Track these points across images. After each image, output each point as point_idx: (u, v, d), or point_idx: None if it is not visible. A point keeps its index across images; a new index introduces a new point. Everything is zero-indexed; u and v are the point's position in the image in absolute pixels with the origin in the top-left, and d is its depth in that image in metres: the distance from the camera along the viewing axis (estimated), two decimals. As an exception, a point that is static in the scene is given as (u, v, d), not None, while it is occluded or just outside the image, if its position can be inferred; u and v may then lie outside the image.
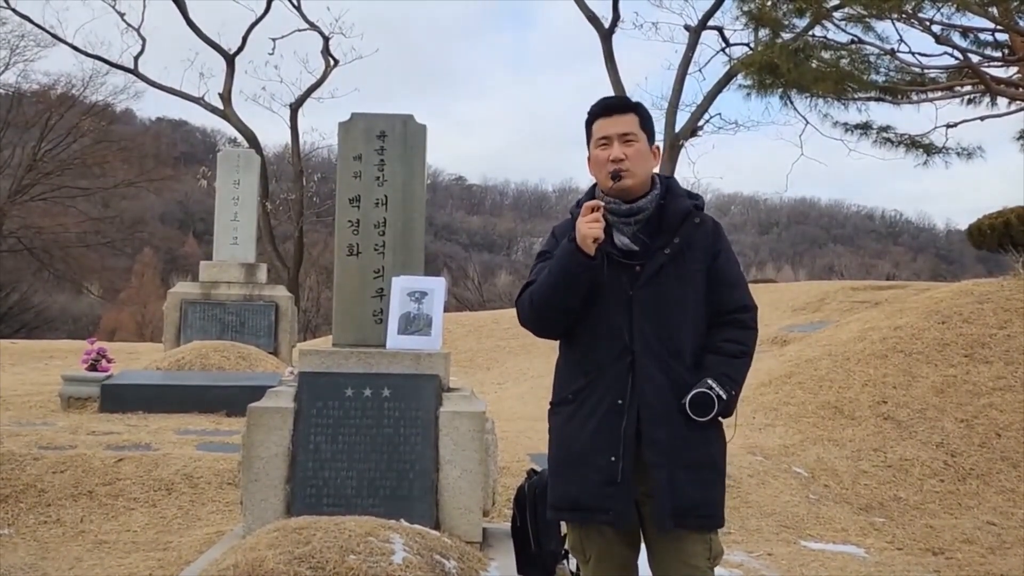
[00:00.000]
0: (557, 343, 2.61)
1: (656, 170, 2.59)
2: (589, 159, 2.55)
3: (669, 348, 2.40)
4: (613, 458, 2.36)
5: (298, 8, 22.90)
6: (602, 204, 2.40)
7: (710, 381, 2.37)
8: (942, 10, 11.50)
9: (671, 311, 2.41)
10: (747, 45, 18.97)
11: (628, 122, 2.49)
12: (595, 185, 2.58)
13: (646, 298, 2.41)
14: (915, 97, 12.72)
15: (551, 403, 2.58)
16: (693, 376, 2.40)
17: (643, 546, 2.52)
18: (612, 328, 2.41)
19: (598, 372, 2.43)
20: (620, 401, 2.38)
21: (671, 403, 2.37)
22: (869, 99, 12.65)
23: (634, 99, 2.59)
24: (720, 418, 2.44)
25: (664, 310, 2.41)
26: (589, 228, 2.33)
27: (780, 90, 12.84)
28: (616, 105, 2.54)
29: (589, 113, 2.56)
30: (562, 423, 2.51)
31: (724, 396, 2.37)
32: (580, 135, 2.60)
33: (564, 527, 3.71)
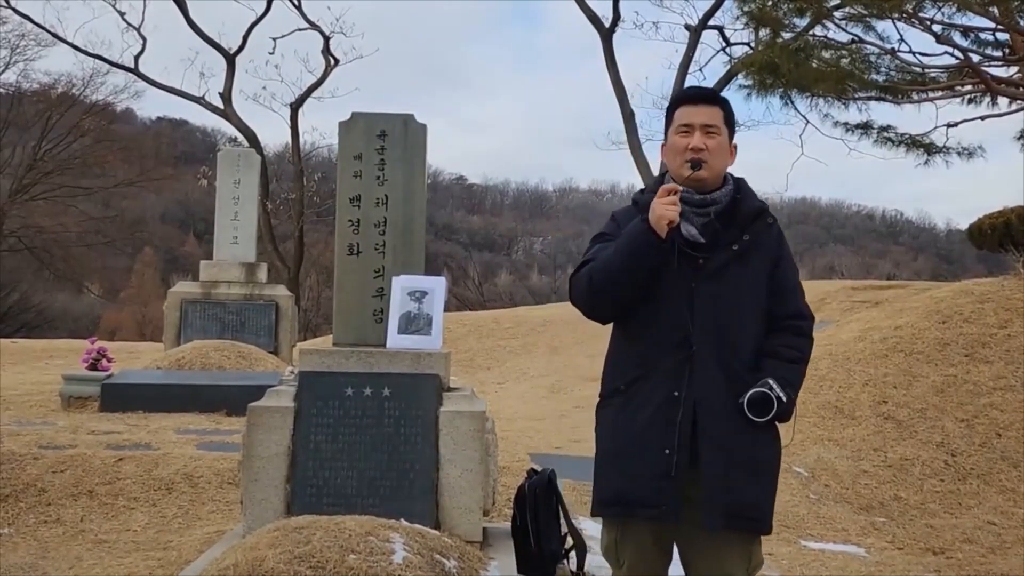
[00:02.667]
0: (598, 334, 2.55)
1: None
2: (664, 145, 2.51)
3: (729, 344, 2.34)
4: (667, 451, 2.28)
5: (298, 7, 22.86)
6: (680, 188, 2.34)
7: (771, 382, 2.31)
8: (943, 10, 11.51)
9: (733, 307, 2.36)
10: (748, 45, 18.99)
11: (713, 113, 2.44)
12: (665, 172, 2.53)
13: (709, 291, 2.35)
14: (916, 97, 12.71)
15: (600, 395, 2.50)
16: (751, 375, 2.34)
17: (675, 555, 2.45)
18: (673, 319, 2.34)
19: (655, 363, 2.35)
20: (676, 393, 2.30)
21: (729, 399, 2.31)
22: (870, 99, 12.65)
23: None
24: (777, 422, 2.37)
25: (726, 305, 2.35)
26: (666, 209, 2.27)
27: (781, 90, 12.83)
28: (703, 95, 2.51)
29: (673, 100, 2.53)
30: (613, 415, 2.42)
31: (784, 398, 2.30)
32: (581, 135, 2.64)
33: (564, 527, 3.72)
